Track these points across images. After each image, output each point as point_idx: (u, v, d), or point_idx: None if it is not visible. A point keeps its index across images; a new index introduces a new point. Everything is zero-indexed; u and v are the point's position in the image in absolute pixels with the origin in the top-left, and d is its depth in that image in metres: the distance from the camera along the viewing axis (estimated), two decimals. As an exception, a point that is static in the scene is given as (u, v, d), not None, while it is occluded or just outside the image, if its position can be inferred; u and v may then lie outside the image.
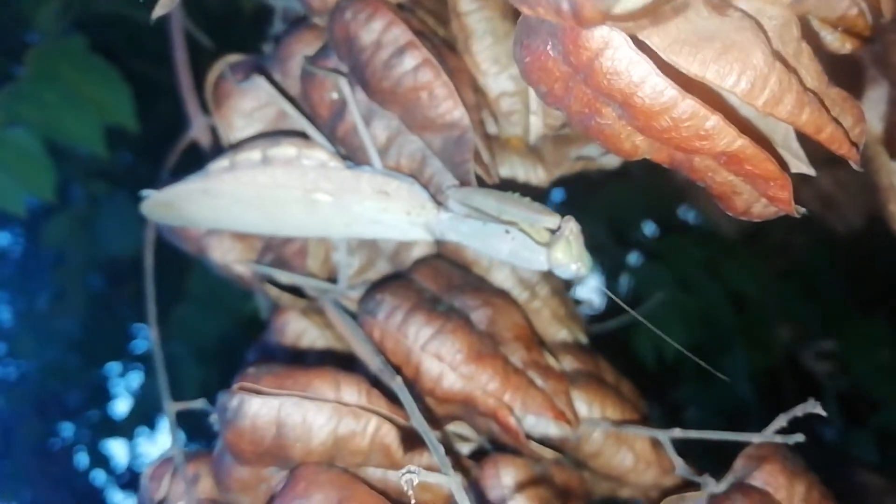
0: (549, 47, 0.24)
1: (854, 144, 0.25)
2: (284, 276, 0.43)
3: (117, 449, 1.48)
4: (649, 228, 1.45)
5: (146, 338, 1.51)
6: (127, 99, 0.90)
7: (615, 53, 0.22)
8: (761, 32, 0.23)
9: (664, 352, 1.12)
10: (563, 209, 0.33)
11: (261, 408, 0.33)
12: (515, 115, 0.41)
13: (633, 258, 1.39)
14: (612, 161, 0.47)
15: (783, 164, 0.26)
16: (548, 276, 0.45)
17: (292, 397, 0.34)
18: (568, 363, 0.43)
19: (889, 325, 1.01)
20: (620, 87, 0.22)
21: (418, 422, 0.31)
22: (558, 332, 0.45)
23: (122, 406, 1.46)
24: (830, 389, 1.06)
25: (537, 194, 0.37)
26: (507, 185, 0.43)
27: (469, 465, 0.38)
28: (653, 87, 0.22)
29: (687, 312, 1.12)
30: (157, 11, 0.28)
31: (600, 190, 1.26)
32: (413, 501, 0.23)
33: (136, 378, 1.47)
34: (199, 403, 0.39)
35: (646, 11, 0.19)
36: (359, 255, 0.45)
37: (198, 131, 0.54)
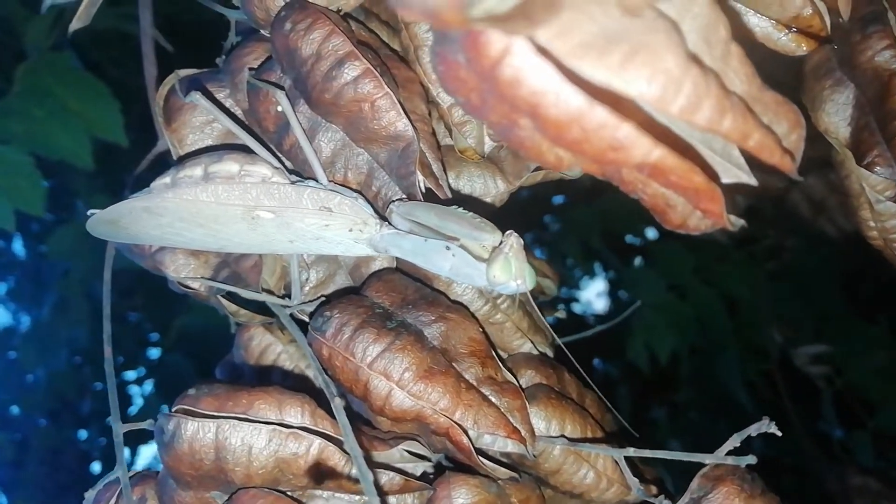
0: (458, 55, 0.23)
1: (788, 152, 0.24)
2: (240, 293, 0.42)
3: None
4: (647, 233, 1.44)
5: (158, 346, 1.52)
6: (116, 114, 0.90)
7: (515, 60, 0.20)
8: (676, 34, 0.21)
9: (658, 356, 1.12)
10: (560, 214, 0.32)
11: (197, 431, 0.33)
12: (468, 126, 0.40)
13: (628, 263, 1.37)
14: (573, 171, 0.46)
15: (714, 176, 0.25)
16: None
17: (230, 419, 0.33)
18: (528, 378, 0.42)
19: (884, 328, 1.00)
20: (524, 97, 0.21)
21: (351, 445, 0.30)
22: (521, 345, 0.44)
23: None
24: (827, 392, 1.04)
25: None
26: (461, 199, 0.42)
27: (419, 487, 0.37)
28: (557, 96, 0.20)
29: (680, 317, 1.12)
30: (74, 25, 0.28)
31: (597, 195, 1.25)
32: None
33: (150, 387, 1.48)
34: (147, 424, 0.38)
35: (516, 12, 0.18)
36: (318, 268, 0.44)
37: (166, 144, 0.53)
